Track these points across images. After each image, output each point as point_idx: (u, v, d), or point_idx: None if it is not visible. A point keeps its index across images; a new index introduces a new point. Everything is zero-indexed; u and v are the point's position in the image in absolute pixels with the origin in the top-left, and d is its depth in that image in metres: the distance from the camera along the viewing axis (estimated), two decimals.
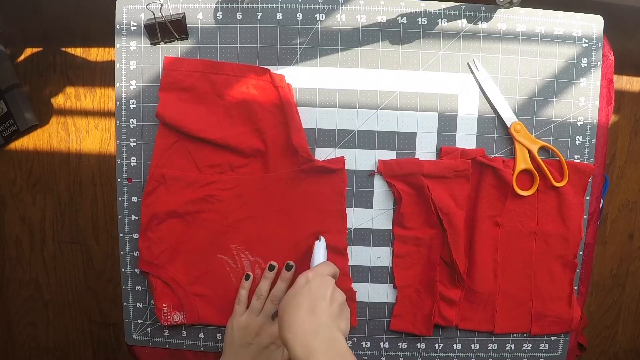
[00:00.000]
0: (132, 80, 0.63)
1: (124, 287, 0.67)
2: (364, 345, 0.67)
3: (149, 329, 0.68)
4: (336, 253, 0.63)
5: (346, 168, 0.64)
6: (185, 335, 0.67)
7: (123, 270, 0.66)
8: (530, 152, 0.63)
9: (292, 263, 0.62)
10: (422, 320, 0.65)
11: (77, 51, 1.21)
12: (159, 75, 0.63)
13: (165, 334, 0.67)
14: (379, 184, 0.64)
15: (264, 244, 0.64)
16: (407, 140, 0.64)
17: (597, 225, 0.67)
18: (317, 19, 0.62)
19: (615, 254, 1.24)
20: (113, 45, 0.64)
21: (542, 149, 0.63)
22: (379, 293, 0.66)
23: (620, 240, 1.24)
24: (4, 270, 1.30)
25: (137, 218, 0.65)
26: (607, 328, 1.26)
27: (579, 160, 0.64)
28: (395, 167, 0.63)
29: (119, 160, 0.65)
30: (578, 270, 0.66)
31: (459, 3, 0.63)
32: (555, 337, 0.67)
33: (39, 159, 1.26)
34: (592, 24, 0.63)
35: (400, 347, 0.67)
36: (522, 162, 0.63)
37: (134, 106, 0.64)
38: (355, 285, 0.65)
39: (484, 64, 0.63)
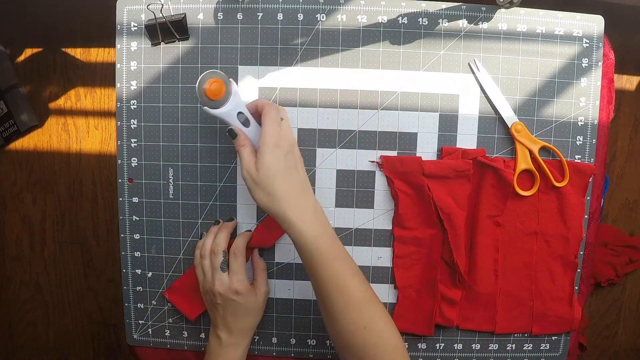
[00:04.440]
0: (133, 80, 0.63)
1: (125, 287, 0.67)
2: None
3: (150, 330, 0.68)
4: None
5: (346, 168, 0.64)
6: (186, 335, 0.67)
7: (124, 270, 0.66)
8: (531, 152, 0.63)
9: (233, 218, 0.64)
10: (423, 320, 0.65)
11: (77, 51, 1.21)
12: (160, 76, 0.63)
13: (167, 334, 0.67)
14: (380, 184, 0.64)
15: None
16: (408, 140, 0.64)
17: (598, 224, 0.67)
18: (318, 19, 0.62)
19: None
20: (113, 46, 0.63)
21: (543, 149, 0.63)
22: (380, 293, 0.66)
23: None
24: (4, 270, 1.30)
25: (137, 218, 0.65)
26: (607, 327, 1.26)
27: (579, 160, 0.64)
28: (397, 164, 0.63)
29: (119, 161, 0.65)
30: (579, 270, 0.66)
31: (460, 3, 0.63)
32: (556, 337, 0.67)
33: (39, 159, 1.26)
34: (592, 24, 0.63)
35: None
36: (523, 162, 0.63)
37: (135, 107, 0.64)
38: None
39: (485, 64, 0.63)
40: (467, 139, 0.64)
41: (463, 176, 0.62)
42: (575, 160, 0.64)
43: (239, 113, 0.55)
